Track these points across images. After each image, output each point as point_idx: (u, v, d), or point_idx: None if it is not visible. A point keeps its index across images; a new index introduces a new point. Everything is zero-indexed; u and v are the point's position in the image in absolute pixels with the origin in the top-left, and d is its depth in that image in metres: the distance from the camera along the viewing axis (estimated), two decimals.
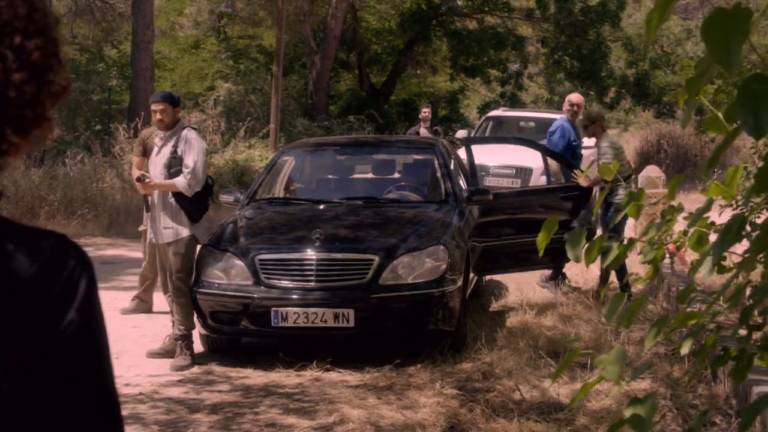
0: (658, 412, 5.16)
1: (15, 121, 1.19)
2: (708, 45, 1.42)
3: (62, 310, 1.19)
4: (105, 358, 1.25)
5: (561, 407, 5.64)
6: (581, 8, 25.84)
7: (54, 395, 1.19)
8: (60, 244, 1.23)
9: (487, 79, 29.09)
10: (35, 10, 1.21)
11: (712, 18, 1.42)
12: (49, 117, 1.23)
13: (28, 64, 1.19)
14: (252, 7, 25.49)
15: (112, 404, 1.26)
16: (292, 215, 7.74)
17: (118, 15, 22.90)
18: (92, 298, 1.23)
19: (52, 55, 1.22)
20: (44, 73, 1.21)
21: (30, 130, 1.22)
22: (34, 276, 1.18)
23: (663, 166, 22.09)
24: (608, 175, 3.00)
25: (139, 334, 7.16)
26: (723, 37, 1.40)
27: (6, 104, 1.17)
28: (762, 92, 1.44)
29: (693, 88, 1.78)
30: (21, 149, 1.22)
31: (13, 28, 1.17)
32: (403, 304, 6.71)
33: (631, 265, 8.17)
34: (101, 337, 1.25)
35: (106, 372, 1.25)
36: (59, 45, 1.24)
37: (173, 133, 6.75)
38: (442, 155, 8.50)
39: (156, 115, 6.69)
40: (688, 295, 2.77)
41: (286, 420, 5.56)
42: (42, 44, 1.20)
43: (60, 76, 1.23)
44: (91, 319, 1.23)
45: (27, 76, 1.18)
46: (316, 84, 24.83)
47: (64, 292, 1.20)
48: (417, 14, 26.58)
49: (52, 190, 14.21)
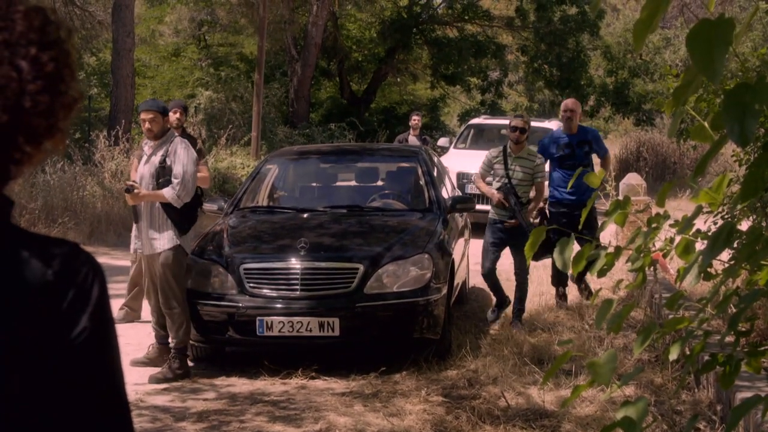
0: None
1: (28, 131, 1.21)
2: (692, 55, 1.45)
3: (75, 317, 1.21)
4: (116, 363, 1.27)
5: (546, 414, 5.67)
6: (560, 17, 26.02)
7: (66, 400, 1.21)
8: (72, 252, 1.25)
9: (468, 87, 29.20)
10: (49, 22, 1.23)
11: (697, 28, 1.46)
12: (62, 128, 1.25)
13: (43, 74, 1.20)
14: (233, 14, 25.46)
15: (123, 409, 1.28)
16: (276, 224, 7.74)
17: (98, 23, 22.80)
18: (104, 304, 1.25)
19: (65, 66, 1.24)
20: (58, 84, 1.23)
21: (42, 140, 1.24)
22: (47, 283, 1.20)
23: (643, 173, 22.24)
24: (596, 182, 3.04)
25: (124, 343, 7.11)
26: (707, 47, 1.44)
27: (20, 114, 1.19)
28: (747, 101, 1.47)
29: (680, 96, 1.81)
30: (33, 159, 1.23)
31: (28, 40, 1.19)
32: (388, 312, 6.73)
33: (612, 272, 8.22)
34: (113, 343, 1.27)
35: (117, 377, 1.27)
36: (72, 56, 1.26)
37: (162, 143, 6.68)
38: (425, 163, 8.53)
39: (145, 124, 6.62)
40: (676, 301, 2.81)
41: (273, 428, 5.57)
42: (56, 55, 1.22)
43: (72, 88, 1.25)
44: (103, 325, 1.25)
45: (41, 87, 1.20)
46: (297, 92, 24.84)
47: (76, 299, 1.22)
48: (397, 22, 26.66)
49: (33, 198, 14.12)
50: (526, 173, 8.05)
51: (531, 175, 8.06)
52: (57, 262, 1.22)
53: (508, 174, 8.02)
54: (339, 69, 27.69)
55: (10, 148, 1.21)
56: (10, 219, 1.24)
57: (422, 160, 8.62)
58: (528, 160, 8.09)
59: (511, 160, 8.07)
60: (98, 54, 25.90)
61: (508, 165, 8.05)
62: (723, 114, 1.46)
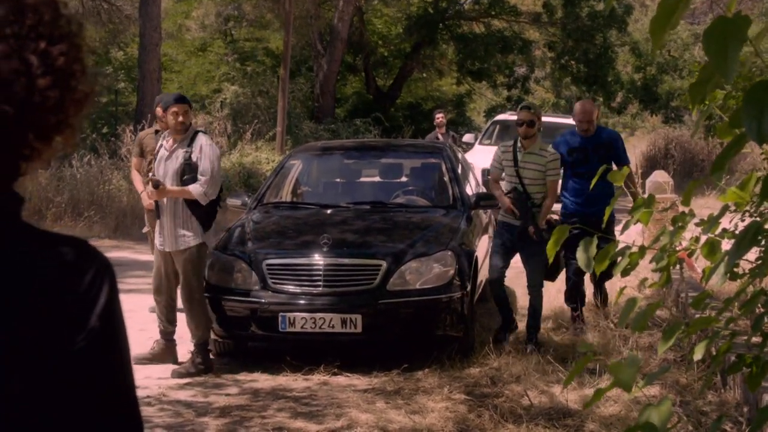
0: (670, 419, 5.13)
1: (38, 127, 1.19)
2: (707, 52, 1.44)
3: (84, 316, 1.19)
4: (126, 363, 1.25)
5: (570, 413, 5.62)
6: (588, 13, 25.82)
7: (75, 400, 1.19)
8: (82, 250, 1.23)
9: (494, 83, 29.07)
10: (60, 16, 1.21)
11: (713, 26, 1.45)
12: (72, 124, 1.23)
13: (53, 69, 1.18)
14: (259, 9, 25.50)
15: (133, 409, 1.26)
16: (299, 219, 7.73)
17: (125, 17, 22.90)
18: (114, 303, 1.23)
19: (76, 61, 1.22)
20: (68, 79, 1.20)
21: (52, 136, 1.22)
22: (57, 282, 1.18)
23: (670, 170, 22.05)
24: (618, 180, 2.99)
25: (147, 337, 7.15)
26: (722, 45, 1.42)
27: (30, 109, 1.17)
28: (765, 100, 1.44)
29: (696, 94, 1.78)
30: (43, 155, 1.22)
31: (38, 33, 1.17)
32: (410, 309, 6.70)
33: (638, 271, 8.14)
34: (122, 343, 1.25)
35: (126, 377, 1.25)
36: (83, 51, 1.23)
37: (185, 138, 6.65)
38: (449, 159, 8.48)
39: (178, 117, 6.58)
40: (702, 301, 2.76)
41: (294, 424, 5.55)
42: (66, 50, 1.20)
43: (83, 83, 1.23)
44: (113, 324, 1.23)
45: (51, 82, 1.18)
46: (323, 87, 24.84)
47: (85, 298, 1.20)
48: (424, 18, 26.58)
49: (59, 192, 14.23)
50: (538, 170, 7.23)
51: (543, 172, 7.24)
52: (65, 261, 1.20)
53: (518, 172, 7.25)
54: (365, 64, 27.66)
55: (20, 144, 1.19)
56: (20, 216, 1.22)
57: (446, 156, 8.57)
58: (539, 156, 7.25)
59: (521, 156, 7.25)
60: (126, 48, 26.03)
61: (517, 162, 7.27)
62: (741, 112, 1.44)
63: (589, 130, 7.70)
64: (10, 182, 1.21)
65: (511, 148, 7.36)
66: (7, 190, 1.21)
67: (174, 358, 6.88)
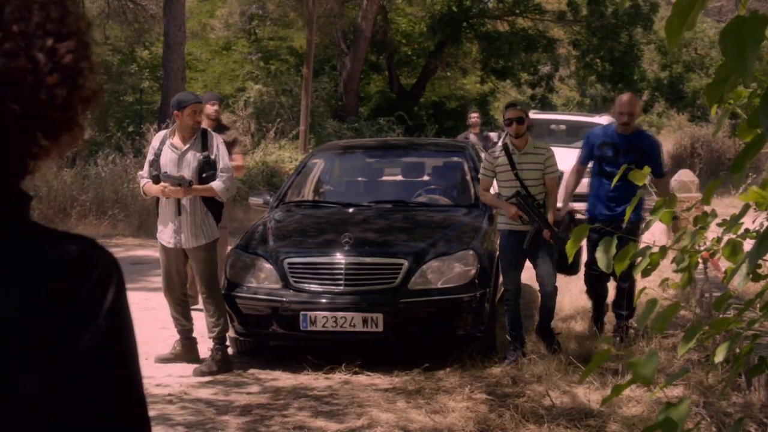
0: (692, 419, 5.09)
1: (45, 125, 1.18)
2: (724, 52, 1.42)
3: (91, 315, 1.18)
4: (133, 362, 1.24)
5: (592, 413, 5.58)
6: (613, 10, 25.67)
7: (81, 399, 1.18)
8: (88, 248, 1.22)
9: (518, 81, 28.98)
10: (68, 13, 1.20)
11: (730, 26, 1.43)
12: (80, 121, 1.22)
13: (60, 66, 1.18)
14: (283, 8, 25.58)
15: (140, 408, 1.25)
16: (321, 218, 7.73)
17: (150, 16, 23.05)
18: (120, 302, 1.22)
19: (83, 59, 1.21)
20: (76, 77, 1.20)
21: (60, 134, 1.21)
22: (62, 280, 1.17)
23: (696, 169, 21.89)
24: (640, 180, 2.95)
25: (168, 335, 7.18)
26: (740, 45, 1.41)
27: (37, 107, 1.16)
28: None
29: (714, 94, 1.75)
30: (51, 153, 1.21)
31: (45, 31, 1.17)
32: (432, 309, 6.68)
33: (661, 270, 8.08)
34: (129, 341, 1.24)
35: (133, 376, 1.24)
36: (91, 49, 1.23)
37: (197, 136, 6.70)
38: (471, 158, 8.45)
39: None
40: (724, 302, 2.73)
41: (315, 423, 5.55)
42: (74, 47, 1.19)
43: (91, 80, 1.22)
44: (119, 323, 1.22)
45: (58, 79, 1.17)
46: (346, 86, 24.86)
47: (91, 296, 1.19)
48: (447, 16, 26.53)
49: (84, 191, 14.32)
50: (538, 170, 6.85)
51: (542, 171, 6.86)
52: (72, 259, 1.19)
53: (517, 175, 6.82)
54: (388, 63, 27.66)
55: (28, 142, 1.18)
56: (27, 214, 1.22)
57: (468, 155, 8.54)
58: (536, 155, 6.86)
59: (517, 158, 6.84)
60: (151, 47, 26.18)
61: (514, 164, 6.84)
62: (759, 112, 1.42)
63: (628, 125, 7.14)
64: (18, 180, 1.21)
65: (502, 152, 6.91)
66: (14, 188, 1.20)
67: (195, 356, 6.90)
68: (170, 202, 6.66)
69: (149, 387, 6.26)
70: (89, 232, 13.36)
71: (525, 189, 6.78)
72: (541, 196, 6.86)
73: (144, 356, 7.05)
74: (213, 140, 6.70)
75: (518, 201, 6.74)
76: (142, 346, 5.17)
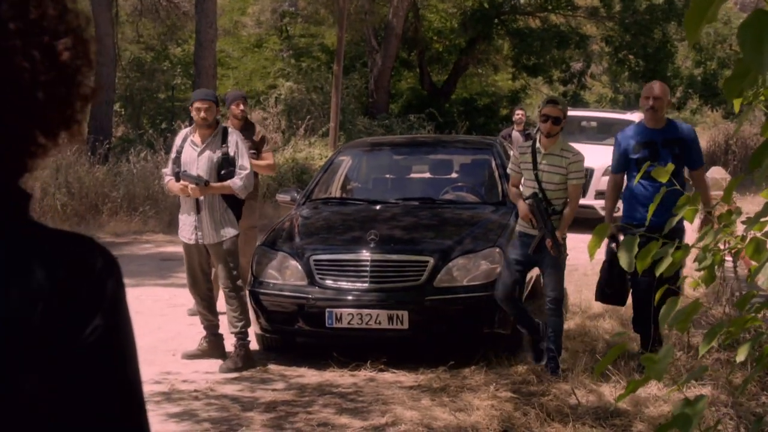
0: (715, 417, 5.03)
1: (43, 123, 1.18)
2: (742, 46, 1.39)
3: (88, 314, 1.18)
4: (131, 362, 1.24)
5: (617, 413, 5.54)
6: (647, 6, 25.43)
7: (81, 399, 1.18)
8: (86, 247, 1.22)
9: (550, 78, 28.80)
10: (67, 10, 1.19)
11: (748, 20, 1.40)
12: (78, 119, 1.22)
13: (57, 64, 1.17)
14: (314, 5, 25.62)
15: (138, 408, 1.24)
16: (347, 215, 7.74)
17: (183, 14, 23.19)
18: (119, 301, 1.22)
19: (81, 56, 1.20)
20: (74, 75, 1.19)
21: (59, 133, 1.21)
22: (60, 280, 1.17)
23: (730, 167, 21.66)
24: (663, 177, 2.91)
25: (196, 331, 7.22)
26: (758, 39, 1.38)
27: (34, 106, 1.16)
28: None
29: (732, 89, 1.72)
30: (49, 151, 1.21)
31: (41, 28, 1.16)
32: (457, 306, 6.66)
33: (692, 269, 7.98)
34: (127, 341, 1.23)
35: (131, 376, 1.24)
36: (90, 46, 1.22)
37: (216, 134, 6.73)
38: (499, 156, 8.42)
39: (200, 113, 6.64)
40: (748, 301, 2.69)
41: (339, 420, 5.56)
42: (72, 44, 1.19)
43: (89, 78, 1.21)
44: (118, 322, 1.21)
45: (56, 77, 1.17)
46: (377, 82, 24.85)
47: (89, 295, 1.18)
48: (479, 13, 26.42)
49: (116, 187, 14.43)
50: (559, 174, 6.33)
51: (564, 176, 6.34)
52: (71, 258, 1.19)
53: (536, 176, 6.37)
54: (419, 60, 27.62)
55: (26, 141, 1.18)
56: (27, 213, 1.22)
57: (496, 152, 8.51)
58: (561, 157, 6.34)
59: (540, 158, 6.37)
60: (183, 45, 26.35)
61: (536, 164, 6.39)
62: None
63: (656, 114, 6.50)
64: (17, 179, 1.21)
65: (529, 149, 6.47)
66: (13, 187, 1.20)
67: (222, 352, 6.93)
68: (190, 199, 6.73)
69: (176, 383, 6.30)
70: (120, 228, 13.47)
71: (542, 192, 6.34)
72: (559, 202, 6.37)
73: (171, 352, 7.10)
74: (232, 138, 6.73)
75: (531, 203, 6.34)
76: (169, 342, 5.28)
